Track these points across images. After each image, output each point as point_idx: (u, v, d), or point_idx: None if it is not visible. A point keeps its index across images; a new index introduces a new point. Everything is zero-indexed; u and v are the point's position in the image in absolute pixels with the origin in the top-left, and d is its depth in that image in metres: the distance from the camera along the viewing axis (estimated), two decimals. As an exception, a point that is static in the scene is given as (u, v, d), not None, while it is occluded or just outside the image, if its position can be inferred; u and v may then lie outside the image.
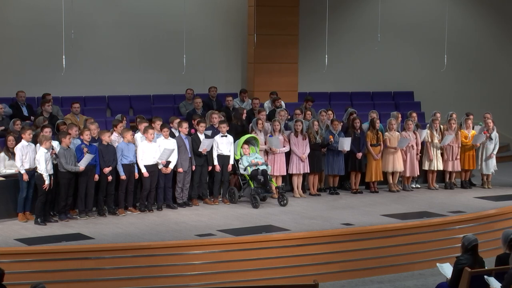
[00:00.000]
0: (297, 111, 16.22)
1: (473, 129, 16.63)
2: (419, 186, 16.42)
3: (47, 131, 13.34)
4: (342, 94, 20.47)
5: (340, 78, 20.54)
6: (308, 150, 15.28)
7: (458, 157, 16.36)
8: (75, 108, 16.04)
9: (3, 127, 15.11)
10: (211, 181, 14.64)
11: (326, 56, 17.37)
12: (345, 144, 15.30)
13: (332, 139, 15.24)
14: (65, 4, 15.03)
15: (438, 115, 16.45)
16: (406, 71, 21.10)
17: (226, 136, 14.66)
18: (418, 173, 16.13)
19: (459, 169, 16.38)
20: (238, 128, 15.37)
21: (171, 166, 13.99)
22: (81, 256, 11.18)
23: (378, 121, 15.97)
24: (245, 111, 16.03)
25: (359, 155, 15.57)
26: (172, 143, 13.98)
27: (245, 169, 14.58)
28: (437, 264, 9.96)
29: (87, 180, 13.08)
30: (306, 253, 12.02)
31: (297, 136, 15.27)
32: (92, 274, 11.10)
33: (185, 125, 14.37)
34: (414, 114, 16.62)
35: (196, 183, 14.53)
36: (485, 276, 8.95)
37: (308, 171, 15.38)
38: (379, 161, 15.73)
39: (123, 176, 13.51)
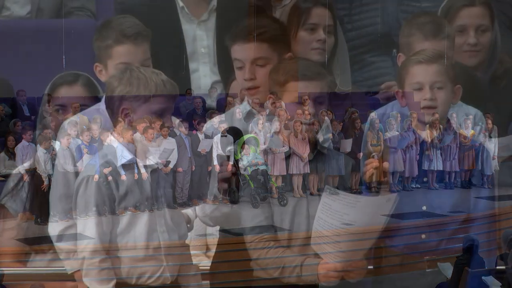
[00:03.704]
0: (297, 111, 16.22)
1: (472, 129, 16.67)
2: (419, 186, 16.42)
3: (47, 132, 13.35)
4: (342, 94, 20.46)
5: (340, 78, 20.55)
6: (308, 150, 15.29)
7: (456, 156, 16.37)
8: (75, 108, 16.06)
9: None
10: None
11: (326, 56, 17.38)
12: (347, 146, 15.30)
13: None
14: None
15: (438, 115, 16.49)
16: (406, 71, 21.13)
17: (225, 136, 14.67)
18: (417, 173, 16.18)
19: (457, 168, 16.39)
20: (238, 128, 15.40)
21: (171, 165, 14.01)
22: (81, 256, 11.22)
23: (378, 121, 15.99)
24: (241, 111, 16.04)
25: (360, 155, 15.58)
26: (171, 143, 14.00)
27: (245, 169, 14.60)
28: (438, 263, 10.00)
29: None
30: (306, 253, 12.08)
31: (297, 136, 15.29)
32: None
33: (185, 125, 14.39)
34: (414, 114, 16.65)
35: (196, 183, 14.55)
36: (483, 277, 8.97)
37: (308, 171, 15.39)
38: (380, 161, 15.76)
39: (123, 176, 13.51)
